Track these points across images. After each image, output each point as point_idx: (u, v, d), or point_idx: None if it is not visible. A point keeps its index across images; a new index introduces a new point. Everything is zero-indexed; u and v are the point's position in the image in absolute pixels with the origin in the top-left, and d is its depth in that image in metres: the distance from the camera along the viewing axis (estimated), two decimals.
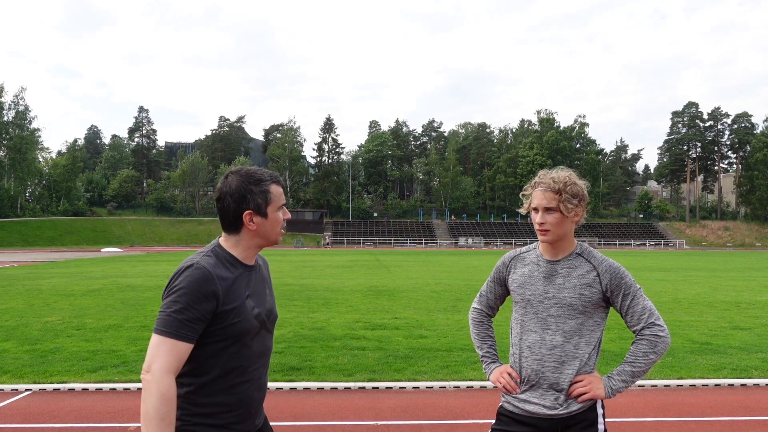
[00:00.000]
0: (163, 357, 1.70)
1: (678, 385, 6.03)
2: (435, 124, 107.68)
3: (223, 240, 1.93)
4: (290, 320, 9.93)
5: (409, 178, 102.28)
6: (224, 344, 1.83)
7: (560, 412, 2.13)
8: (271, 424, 2.15)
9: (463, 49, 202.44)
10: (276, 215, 1.92)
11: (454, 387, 5.92)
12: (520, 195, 2.31)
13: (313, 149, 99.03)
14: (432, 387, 5.92)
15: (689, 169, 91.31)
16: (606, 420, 2.21)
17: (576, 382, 2.13)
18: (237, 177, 1.89)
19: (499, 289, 2.41)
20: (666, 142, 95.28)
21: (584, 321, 2.15)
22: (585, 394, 2.11)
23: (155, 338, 1.73)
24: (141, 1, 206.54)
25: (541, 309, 2.18)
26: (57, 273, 21.87)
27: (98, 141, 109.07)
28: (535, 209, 2.19)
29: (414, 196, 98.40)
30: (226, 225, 1.91)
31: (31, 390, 5.80)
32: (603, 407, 2.20)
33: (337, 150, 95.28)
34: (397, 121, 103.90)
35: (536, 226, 2.19)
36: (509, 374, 2.26)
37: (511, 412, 2.23)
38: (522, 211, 2.30)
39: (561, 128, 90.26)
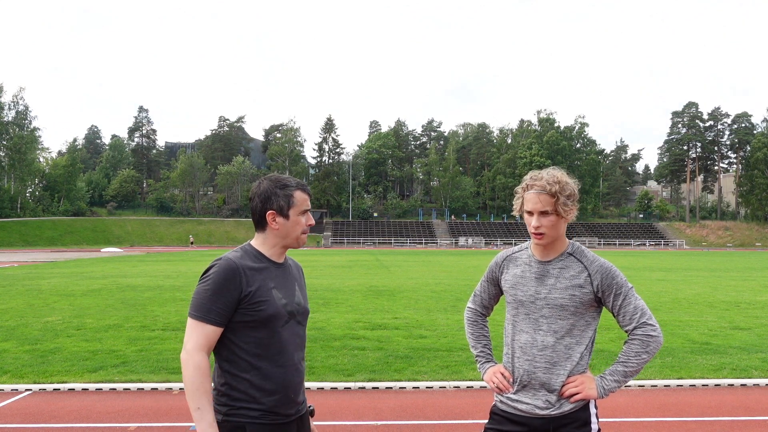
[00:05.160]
0: (194, 337, 1.95)
1: (678, 385, 6.03)
2: (435, 124, 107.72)
3: (254, 239, 2.15)
4: None
5: (409, 178, 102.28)
6: (255, 329, 2.00)
7: (552, 412, 2.13)
8: None
9: (463, 49, 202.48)
10: (298, 218, 2.09)
11: (454, 387, 5.92)
12: (515, 200, 2.26)
13: (314, 149, 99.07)
14: (432, 387, 5.92)
15: (689, 169, 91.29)
16: (601, 420, 2.21)
17: (568, 383, 2.12)
18: (267, 181, 2.11)
19: (493, 289, 2.41)
20: (666, 142, 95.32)
21: (576, 321, 2.14)
22: (577, 394, 2.11)
23: (189, 322, 1.98)
24: (141, 0, 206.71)
25: (533, 310, 2.17)
26: (57, 273, 21.86)
27: (98, 141, 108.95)
28: (530, 212, 2.15)
29: (414, 196, 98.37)
30: (254, 222, 2.12)
31: (31, 390, 5.80)
32: (596, 407, 2.19)
33: (338, 150, 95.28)
34: (397, 121, 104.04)
35: (531, 230, 2.16)
36: (502, 374, 2.26)
37: (504, 411, 2.23)
38: (515, 212, 2.27)
39: (561, 128, 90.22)
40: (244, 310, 1.97)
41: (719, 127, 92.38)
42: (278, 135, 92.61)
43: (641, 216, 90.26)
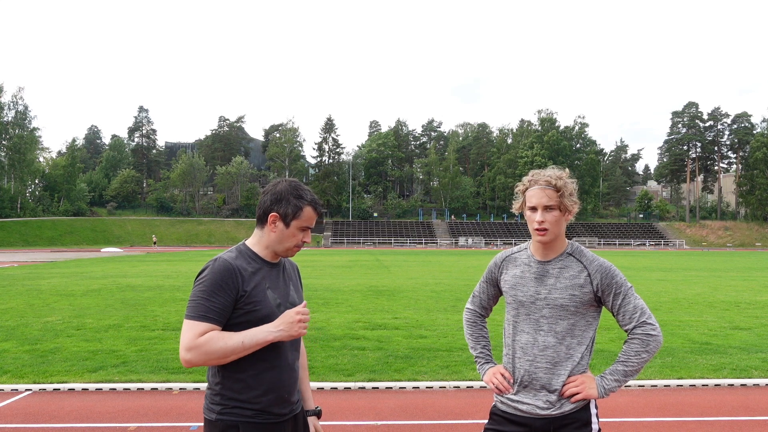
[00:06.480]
0: (191, 335, 1.91)
1: (678, 385, 6.03)
2: (435, 124, 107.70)
3: (251, 237, 2.14)
4: None
5: (409, 178, 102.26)
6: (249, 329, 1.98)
7: (553, 413, 2.13)
8: None
9: (464, 48, 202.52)
10: (296, 232, 2.08)
11: (454, 387, 5.92)
12: (516, 192, 2.26)
13: (314, 149, 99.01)
14: (432, 387, 5.92)
15: (689, 169, 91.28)
16: (601, 420, 2.21)
17: (569, 383, 2.12)
18: (286, 184, 2.10)
19: (492, 290, 2.40)
20: (666, 142, 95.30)
21: (576, 321, 2.14)
22: (578, 394, 2.11)
23: (185, 324, 1.94)
24: (140, 0, 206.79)
25: (533, 310, 2.17)
26: (57, 273, 21.86)
27: (98, 141, 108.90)
28: (533, 208, 2.15)
29: (414, 196, 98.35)
30: (257, 217, 2.12)
31: (31, 390, 5.80)
32: (597, 407, 2.19)
33: (338, 150, 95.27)
34: (397, 121, 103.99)
35: (534, 226, 2.14)
36: (502, 375, 2.25)
37: (504, 412, 2.23)
38: (515, 210, 2.27)
39: (561, 128, 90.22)
40: (238, 311, 1.97)
41: (719, 127, 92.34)
42: (278, 135, 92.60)
43: (641, 216, 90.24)
